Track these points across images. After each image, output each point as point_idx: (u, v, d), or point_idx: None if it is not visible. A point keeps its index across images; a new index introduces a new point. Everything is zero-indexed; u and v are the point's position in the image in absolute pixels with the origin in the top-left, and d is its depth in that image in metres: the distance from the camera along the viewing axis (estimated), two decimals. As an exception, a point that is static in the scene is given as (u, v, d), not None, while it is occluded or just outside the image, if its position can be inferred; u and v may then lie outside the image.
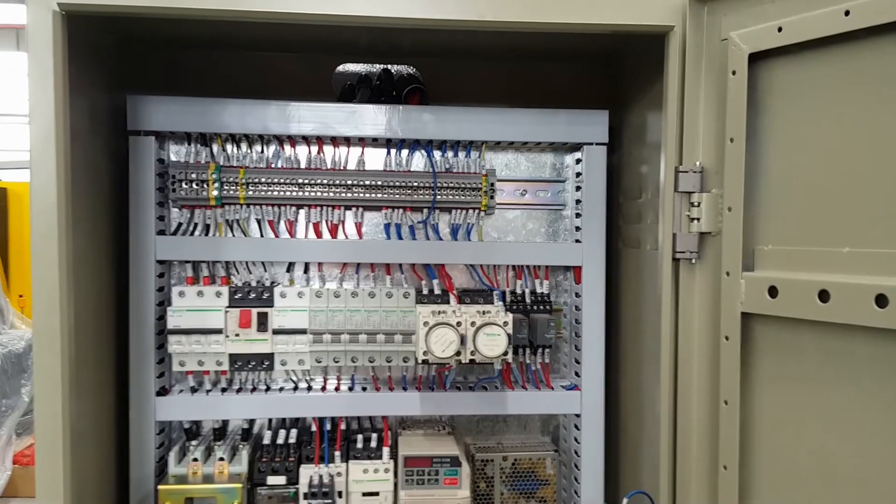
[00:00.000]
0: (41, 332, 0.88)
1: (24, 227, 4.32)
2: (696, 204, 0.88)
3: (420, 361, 1.08)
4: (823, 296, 0.73)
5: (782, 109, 0.80)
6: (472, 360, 1.11)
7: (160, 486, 1.03)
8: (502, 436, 1.28)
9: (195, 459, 1.08)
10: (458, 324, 1.03)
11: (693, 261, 0.89)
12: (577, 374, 1.21)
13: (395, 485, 1.12)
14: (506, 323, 1.04)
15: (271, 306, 1.10)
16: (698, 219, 0.88)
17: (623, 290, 1.19)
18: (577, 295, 1.21)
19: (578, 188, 1.20)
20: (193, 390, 1.14)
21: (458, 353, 1.03)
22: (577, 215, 1.20)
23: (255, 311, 1.09)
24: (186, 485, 1.05)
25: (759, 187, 0.82)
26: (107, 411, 1.07)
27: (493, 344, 1.03)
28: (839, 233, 0.74)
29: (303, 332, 1.11)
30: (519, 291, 1.21)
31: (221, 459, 1.08)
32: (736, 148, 0.82)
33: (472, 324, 1.04)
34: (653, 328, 1.01)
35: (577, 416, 1.20)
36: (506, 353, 1.04)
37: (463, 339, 1.03)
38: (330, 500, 1.07)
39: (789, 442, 0.80)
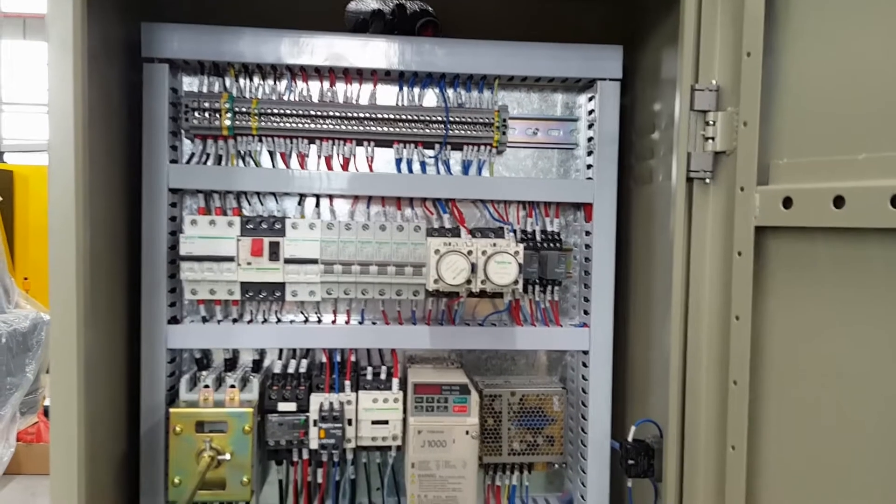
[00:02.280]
0: (56, 259, 0.88)
1: (30, 210, 4.36)
2: (711, 123, 0.88)
3: (430, 290, 1.09)
4: (838, 202, 0.73)
5: (799, 20, 0.80)
6: (482, 291, 1.12)
7: (171, 409, 1.04)
8: (510, 375, 1.28)
9: (206, 386, 1.09)
10: (469, 252, 1.04)
11: (707, 180, 0.89)
12: (585, 312, 1.22)
13: (405, 414, 1.12)
14: (517, 252, 1.04)
15: (283, 236, 1.10)
16: (713, 138, 0.88)
17: (634, 230, 1.20)
18: (588, 233, 1.21)
19: (591, 126, 1.19)
20: (205, 320, 1.14)
21: (468, 282, 1.04)
22: (589, 153, 1.20)
23: (266, 240, 1.10)
24: (198, 408, 1.06)
25: (775, 102, 0.82)
26: (119, 339, 1.08)
27: (504, 272, 1.03)
28: (856, 140, 0.74)
29: (314, 262, 1.11)
30: (530, 230, 1.21)
31: (232, 387, 1.09)
32: (753, 62, 0.82)
33: (483, 252, 1.04)
34: (664, 261, 1.01)
35: (586, 353, 1.20)
36: (516, 283, 1.04)
37: (474, 268, 1.03)
38: (340, 425, 1.08)
39: (801, 355, 0.80)
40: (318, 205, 1.17)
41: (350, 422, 1.11)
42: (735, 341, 0.84)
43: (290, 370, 1.14)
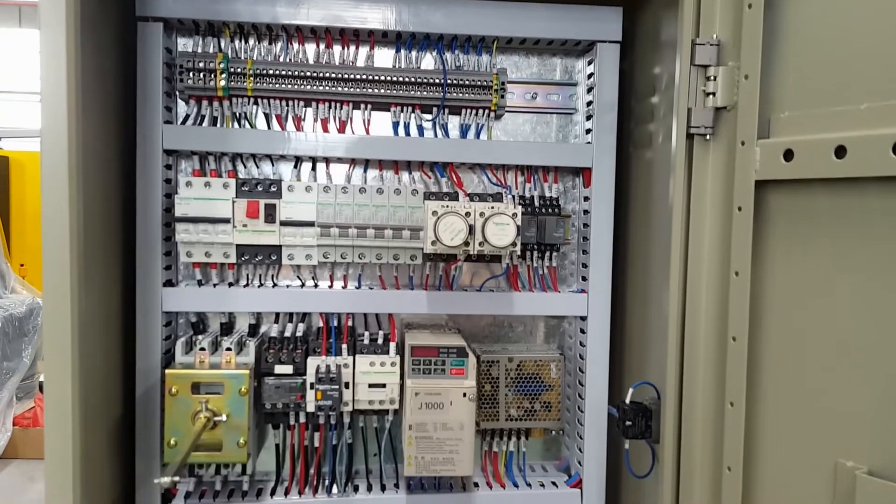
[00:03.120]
0: (50, 219, 0.87)
1: (26, 196, 4.34)
2: (712, 78, 0.87)
3: (428, 253, 1.08)
4: (840, 152, 0.72)
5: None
6: (479, 255, 1.12)
7: (167, 370, 1.03)
8: (508, 343, 1.28)
9: (202, 349, 1.08)
10: (467, 214, 1.03)
11: (707, 137, 0.88)
12: (583, 278, 1.21)
13: (402, 379, 1.12)
14: (515, 214, 1.03)
15: (279, 198, 1.09)
16: (714, 93, 0.87)
17: (633, 194, 1.19)
18: (586, 199, 1.20)
19: (590, 90, 1.18)
20: (200, 285, 1.13)
21: (466, 244, 1.03)
22: (588, 117, 1.19)
23: (262, 202, 1.09)
24: (193, 370, 1.05)
25: (776, 55, 0.81)
26: (114, 303, 1.07)
27: (502, 234, 1.03)
28: (857, 90, 0.74)
29: (311, 224, 1.10)
30: (528, 196, 1.20)
31: (228, 350, 1.08)
32: (754, 14, 0.81)
33: (481, 214, 1.03)
34: (663, 225, 1.00)
35: (584, 319, 1.20)
36: (514, 245, 1.03)
37: (471, 230, 1.03)
38: (337, 387, 1.07)
39: (801, 309, 0.80)
40: (314, 168, 1.16)
41: (347, 385, 1.11)
42: (734, 297, 0.84)
43: (287, 334, 1.13)
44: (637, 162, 1.17)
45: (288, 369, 1.10)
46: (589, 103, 1.19)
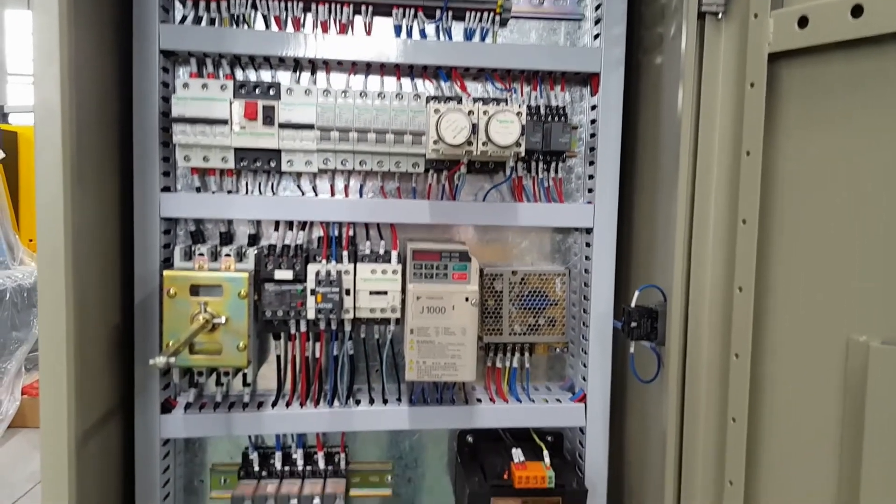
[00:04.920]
0: (42, 122, 0.85)
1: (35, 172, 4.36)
2: (724, -49, 0.83)
3: (430, 158, 1.05)
4: (856, 11, 0.69)
5: None
6: (482, 163, 1.09)
7: (165, 272, 1.02)
8: (512, 260, 1.26)
9: (201, 255, 1.07)
10: (470, 113, 1.00)
11: (719, 15, 0.85)
12: (590, 189, 1.18)
13: (404, 288, 1.10)
14: (519, 113, 1.00)
15: (278, 100, 1.07)
16: (726, -32, 0.83)
17: (641, 103, 1.16)
18: (594, 108, 1.17)
19: (598, -8, 1.15)
20: (199, 192, 1.12)
21: (469, 143, 1.00)
22: (597, 21, 1.15)
23: (261, 102, 1.06)
24: (192, 272, 1.03)
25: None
26: (111, 209, 1.05)
27: (506, 132, 1.00)
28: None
29: (310, 127, 1.08)
30: (534, 105, 1.17)
31: (228, 256, 1.07)
32: None
33: (485, 113, 1.00)
34: (672, 133, 0.97)
35: (589, 231, 1.17)
36: (518, 145, 1.01)
37: (475, 129, 1.00)
38: (337, 290, 1.06)
39: (814, 189, 0.77)
40: (313, 72, 1.13)
41: (348, 292, 1.09)
42: (745, 178, 0.81)
43: (288, 241, 1.12)
44: (646, 68, 1.14)
45: (288, 275, 1.08)
46: (598, 6, 1.15)
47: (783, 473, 0.81)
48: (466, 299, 1.05)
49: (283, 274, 1.08)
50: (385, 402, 1.17)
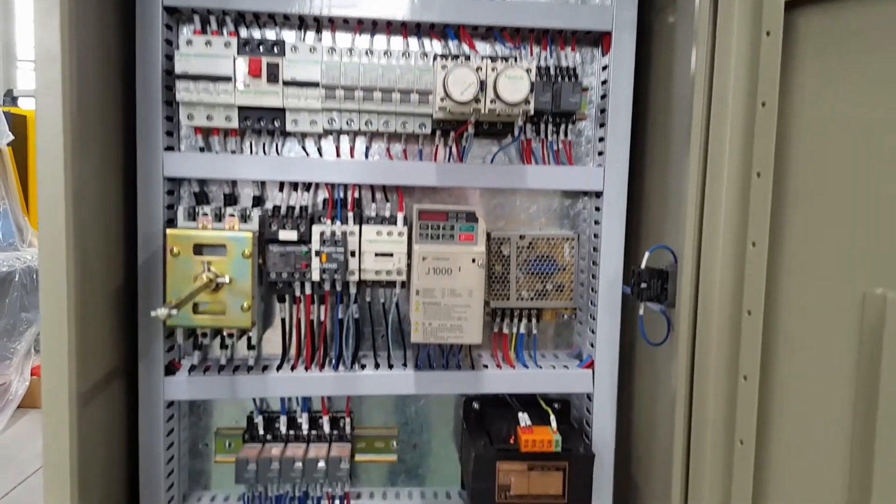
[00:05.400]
0: (43, 66, 0.84)
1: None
2: None
3: (437, 118, 1.04)
4: (881, -52, 0.66)
5: None
6: (490, 124, 1.08)
7: (169, 231, 1.01)
8: (520, 226, 1.24)
9: (205, 214, 1.06)
10: (478, 69, 0.98)
11: (735, -36, 0.82)
12: (600, 152, 1.16)
13: (410, 260, 1.08)
14: (528, 69, 0.98)
15: (283, 56, 1.05)
16: (743, -87, 0.81)
17: (653, 64, 1.13)
18: (605, 68, 1.14)
19: (609, -51, 1.12)
20: (202, 150, 1.10)
21: (477, 101, 0.98)
22: (607, -21, 1.13)
23: (265, 59, 1.04)
24: (196, 231, 1.02)
25: None
26: (113, 169, 1.04)
27: (515, 88, 0.98)
28: None
29: (315, 85, 1.06)
30: (544, 65, 1.15)
31: (232, 216, 1.05)
32: None
33: (493, 69, 0.98)
34: (685, 90, 0.95)
35: (599, 195, 1.15)
36: (528, 103, 0.98)
37: (483, 86, 0.98)
38: (342, 249, 1.04)
39: (829, 140, 0.75)
40: (318, 31, 1.11)
41: (353, 254, 1.08)
42: (760, 130, 0.78)
43: (293, 202, 1.10)
44: (659, 28, 1.11)
45: (292, 235, 1.07)
46: (609, -36, 1.12)
47: (795, 432, 0.79)
48: (473, 260, 1.03)
49: (288, 234, 1.07)
50: (391, 367, 1.16)
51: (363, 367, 1.15)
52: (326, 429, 1.19)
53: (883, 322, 0.69)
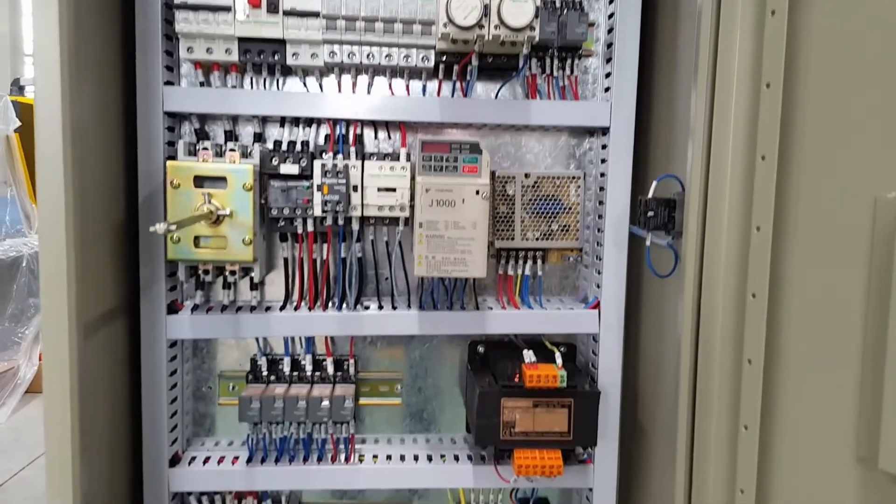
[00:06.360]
0: (40, 17, 0.82)
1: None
2: None
3: (439, 48, 1.02)
4: None
5: None
6: (494, 56, 1.05)
7: (169, 162, 0.99)
8: (525, 166, 1.22)
9: (205, 149, 1.04)
10: (482, -7, 0.96)
11: None
12: (606, 89, 1.14)
13: (412, 194, 1.06)
14: (533, -5, 0.96)
15: (282, -14, 1.03)
16: None
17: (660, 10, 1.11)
18: (612, 1, 1.12)
19: None
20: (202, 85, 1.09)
21: (481, 26, 0.96)
22: None
23: (264, -12, 1.02)
24: (196, 162, 1.01)
25: None
26: (113, 101, 1.03)
27: (519, 12, 0.96)
28: None
29: (315, 15, 1.04)
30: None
31: (233, 151, 1.04)
32: None
33: (497, -5, 0.96)
34: (691, 19, 0.92)
35: (605, 132, 1.13)
36: (533, 29, 0.97)
37: (486, 10, 0.96)
38: (344, 181, 1.03)
39: (840, 47, 0.72)
40: (319, -38, 1.09)
41: (355, 188, 1.06)
42: (769, 39, 0.76)
43: (294, 137, 1.09)
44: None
45: (294, 169, 1.05)
46: None
47: (804, 349, 0.77)
48: (477, 192, 1.02)
49: (289, 168, 1.05)
50: (394, 307, 1.15)
51: (367, 308, 1.14)
52: (330, 370, 1.18)
53: (894, 226, 0.67)
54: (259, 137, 1.12)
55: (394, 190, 1.07)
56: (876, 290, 0.70)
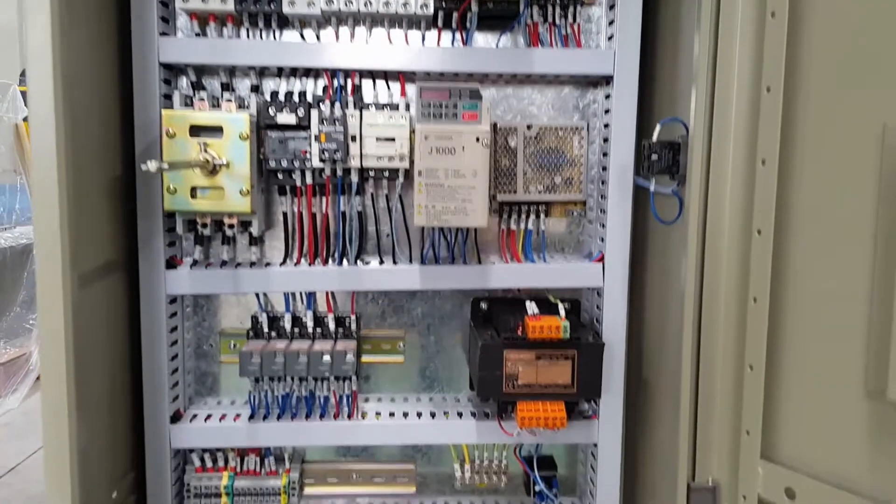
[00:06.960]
0: None
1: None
2: None
3: (438, -9, 0.99)
4: None
5: None
6: (494, 3, 1.03)
7: (164, 111, 0.98)
8: (528, 118, 1.20)
9: (201, 99, 1.03)
10: (481, -68, 0.93)
11: None
12: (610, 37, 1.11)
13: (412, 138, 1.05)
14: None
15: (277, -69, 1.01)
16: None
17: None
18: (614, -56, 1.09)
19: None
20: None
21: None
22: None
23: (259, -66, 1.00)
24: (192, 111, 1.00)
25: None
26: (108, 53, 1.02)
27: (518, -48, 0.93)
28: None
29: (311, -40, 1.02)
30: (550, -59, 1.10)
31: (229, 101, 1.03)
32: None
33: (496, -67, 0.93)
34: None
35: (609, 81, 1.11)
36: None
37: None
38: (342, 129, 1.01)
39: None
40: None
41: (354, 139, 1.04)
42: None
43: (291, 87, 1.07)
44: None
45: (291, 119, 1.04)
46: None
47: (811, 287, 0.75)
48: (477, 139, 1.00)
49: (286, 118, 1.04)
50: (395, 262, 1.14)
51: (367, 263, 1.13)
52: (332, 327, 1.17)
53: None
54: (256, 90, 1.11)
55: (393, 140, 1.05)
56: (885, 219, 0.68)
